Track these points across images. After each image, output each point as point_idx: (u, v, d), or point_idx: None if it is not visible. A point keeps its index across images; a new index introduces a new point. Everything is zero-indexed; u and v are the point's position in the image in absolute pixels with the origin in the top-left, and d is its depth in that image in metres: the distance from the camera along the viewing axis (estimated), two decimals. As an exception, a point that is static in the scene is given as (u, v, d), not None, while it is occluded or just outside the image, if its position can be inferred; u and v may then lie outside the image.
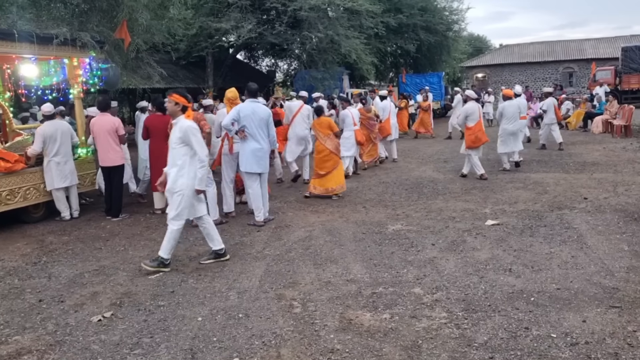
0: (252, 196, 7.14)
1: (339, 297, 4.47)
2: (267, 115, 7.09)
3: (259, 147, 6.95)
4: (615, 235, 5.86)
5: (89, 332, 4.01)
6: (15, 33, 7.32)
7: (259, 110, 7.01)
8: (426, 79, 26.42)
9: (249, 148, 6.95)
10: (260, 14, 19.22)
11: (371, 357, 3.44)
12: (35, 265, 5.79)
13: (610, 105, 16.95)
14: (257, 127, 6.94)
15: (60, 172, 7.68)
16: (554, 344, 3.50)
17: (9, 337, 3.99)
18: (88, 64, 8.52)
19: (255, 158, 6.95)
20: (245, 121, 6.90)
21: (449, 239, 6.03)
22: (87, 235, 7.01)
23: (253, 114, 6.93)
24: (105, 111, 7.82)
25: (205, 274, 5.19)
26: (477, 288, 4.52)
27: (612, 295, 4.24)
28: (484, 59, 45.05)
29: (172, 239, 5.36)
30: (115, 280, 5.17)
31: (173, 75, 20.41)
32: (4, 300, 4.78)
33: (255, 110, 6.97)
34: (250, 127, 6.92)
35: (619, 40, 38.43)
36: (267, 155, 7.13)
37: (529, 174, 9.88)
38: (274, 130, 7.18)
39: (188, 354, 3.59)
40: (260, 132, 6.98)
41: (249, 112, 6.93)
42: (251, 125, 6.91)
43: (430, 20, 25.42)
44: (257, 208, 7.12)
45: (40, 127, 7.73)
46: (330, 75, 20.97)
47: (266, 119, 7.04)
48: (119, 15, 9.14)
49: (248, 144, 6.96)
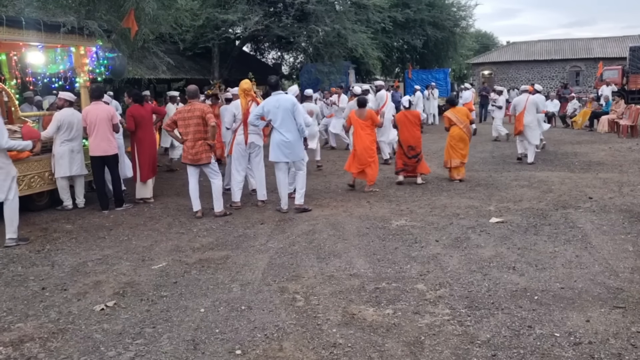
0: (278, 185, 7.43)
1: (342, 291, 4.46)
2: (292, 105, 7.13)
3: (284, 139, 7.09)
4: (620, 235, 5.83)
5: (91, 321, 4.02)
6: (22, 21, 7.31)
7: (283, 102, 7.10)
8: (432, 74, 26.34)
9: (275, 139, 7.15)
10: (267, 6, 19.16)
11: (373, 352, 3.43)
12: (38, 253, 5.80)
13: (617, 105, 16.87)
14: (282, 119, 7.06)
15: (72, 160, 7.69)
16: (557, 343, 3.48)
17: (12, 324, 4.00)
18: (95, 53, 8.51)
19: (281, 148, 7.13)
20: (270, 115, 7.07)
21: (453, 235, 6.02)
22: (90, 224, 7.02)
23: (277, 106, 7.05)
24: (98, 100, 7.75)
25: (209, 266, 5.19)
26: (480, 285, 4.50)
27: (616, 295, 4.22)
28: (490, 56, 44.91)
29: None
30: (118, 269, 5.18)
31: (179, 66, 20.39)
32: (8, 287, 4.80)
33: (279, 102, 7.08)
34: (276, 119, 7.07)
35: (627, 40, 38.22)
36: (294, 145, 7.15)
37: (534, 173, 9.85)
38: (302, 118, 7.19)
39: (190, 345, 3.59)
40: (287, 124, 7.07)
41: (272, 105, 7.06)
42: (276, 117, 7.06)
43: (438, 16, 25.33)
44: (281, 195, 7.40)
45: (58, 113, 7.73)
46: (337, 69, 20.90)
47: (291, 110, 7.09)
48: (126, 4, 9.12)
49: (275, 136, 7.15)
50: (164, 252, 5.71)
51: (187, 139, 7.01)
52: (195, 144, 6.98)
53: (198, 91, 7.40)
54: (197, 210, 7.20)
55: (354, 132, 8.66)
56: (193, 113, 6.96)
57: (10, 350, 3.59)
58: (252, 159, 7.62)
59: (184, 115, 7.00)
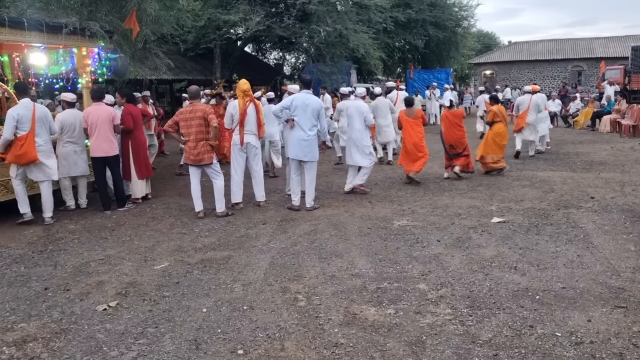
0: (291, 181, 7.60)
1: (344, 291, 4.47)
2: (319, 106, 7.40)
3: (305, 137, 7.24)
4: (621, 235, 5.83)
5: (94, 321, 4.03)
6: (24, 21, 7.34)
7: (312, 102, 7.33)
8: (434, 75, 26.34)
9: (296, 137, 7.28)
10: (269, 7, 19.19)
11: (375, 352, 3.44)
12: (41, 253, 5.82)
13: (619, 104, 16.85)
14: (307, 118, 7.24)
15: (75, 161, 7.73)
16: (559, 342, 3.49)
17: (15, 324, 4.02)
18: (97, 54, 8.54)
19: (300, 146, 7.26)
20: (296, 111, 7.24)
21: (455, 235, 6.02)
22: (93, 224, 7.04)
23: (305, 104, 7.24)
24: (100, 101, 7.77)
25: (211, 266, 5.20)
26: (482, 285, 4.51)
27: (618, 295, 4.22)
28: (492, 55, 44.81)
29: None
30: (120, 269, 5.20)
31: (180, 67, 20.45)
32: (11, 287, 4.81)
33: (308, 100, 7.29)
34: (301, 117, 7.23)
35: (629, 40, 38.11)
36: (312, 145, 7.34)
37: (536, 172, 9.84)
38: (325, 121, 7.56)
39: (192, 345, 3.60)
40: (310, 123, 7.27)
41: (302, 102, 7.25)
42: (302, 115, 7.24)
43: (439, 16, 25.32)
44: (293, 191, 7.54)
45: (60, 114, 7.78)
46: (338, 69, 20.94)
47: (318, 110, 7.34)
48: (128, 5, 9.16)
49: (295, 132, 7.29)
50: (166, 252, 5.72)
51: (189, 139, 7.03)
52: (197, 145, 7.00)
53: (200, 92, 7.42)
54: (199, 210, 7.22)
55: (404, 129, 9.19)
56: (195, 114, 6.97)
57: (14, 350, 3.61)
58: (249, 160, 7.61)
59: (186, 116, 7.02)
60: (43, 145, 6.97)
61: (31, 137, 6.80)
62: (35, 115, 6.87)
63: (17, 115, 6.72)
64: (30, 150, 6.79)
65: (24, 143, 6.74)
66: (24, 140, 6.75)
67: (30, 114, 6.83)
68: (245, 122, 7.38)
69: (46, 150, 7.02)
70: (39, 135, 6.92)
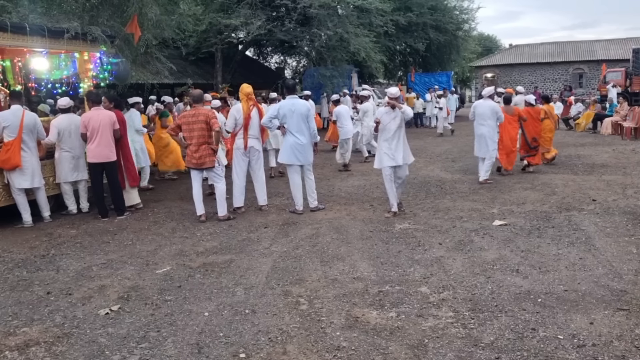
0: (292, 186, 7.54)
1: (346, 294, 4.47)
2: (307, 110, 7.43)
3: (298, 141, 7.29)
4: (623, 237, 5.82)
5: (96, 325, 4.03)
6: (26, 27, 7.35)
7: (298, 106, 7.36)
8: (435, 78, 26.31)
9: (289, 142, 7.34)
10: (270, 11, 19.22)
11: (377, 355, 3.44)
12: (43, 257, 5.83)
13: (621, 107, 16.84)
14: (296, 123, 7.28)
15: (73, 166, 7.73)
16: (561, 345, 3.48)
17: (17, 329, 4.03)
18: (98, 58, 8.53)
19: (295, 151, 7.32)
20: (285, 117, 7.28)
21: (456, 238, 6.02)
22: (95, 229, 7.04)
23: (292, 110, 7.28)
24: (97, 105, 7.63)
25: (212, 270, 5.21)
26: (484, 288, 4.50)
27: (620, 297, 4.21)
28: (493, 58, 44.82)
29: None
30: (122, 274, 5.20)
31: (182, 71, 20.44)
32: (13, 292, 4.82)
33: (294, 106, 7.33)
34: (290, 122, 7.29)
35: (630, 42, 38.07)
36: (307, 149, 7.40)
37: (537, 175, 9.84)
38: (315, 124, 7.59)
39: (194, 349, 3.60)
40: (300, 127, 7.31)
41: (288, 108, 7.29)
42: (291, 121, 7.28)
43: (440, 19, 25.31)
44: (295, 197, 7.52)
45: (56, 120, 7.75)
46: (339, 73, 20.94)
47: (305, 114, 7.37)
48: (130, 9, 9.19)
49: (288, 138, 7.36)
50: (168, 256, 5.73)
51: (191, 143, 7.04)
52: (199, 148, 7.01)
53: (203, 96, 7.43)
54: (201, 214, 7.23)
55: (502, 125, 9.71)
56: (197, 118, 6.99)
57: (16, 355, 3.61)
58: (252, 164, 7.62)
59: (188, 119, 7.03)
60: (27, 152, 7.14)
61: (17, 143, 6.99)
62: (23, 123, 7.05)
63: (3, 120, 6.97)
64: (14, 156, 6.99)
65: (10, 149, 6.96)
66: (10, 146, 6.96)
67: (18, 121, 7.03)
68: (250, 126, 7.40)
69: (30, 158, 7.18)
70: (25, 142, 7.10)
